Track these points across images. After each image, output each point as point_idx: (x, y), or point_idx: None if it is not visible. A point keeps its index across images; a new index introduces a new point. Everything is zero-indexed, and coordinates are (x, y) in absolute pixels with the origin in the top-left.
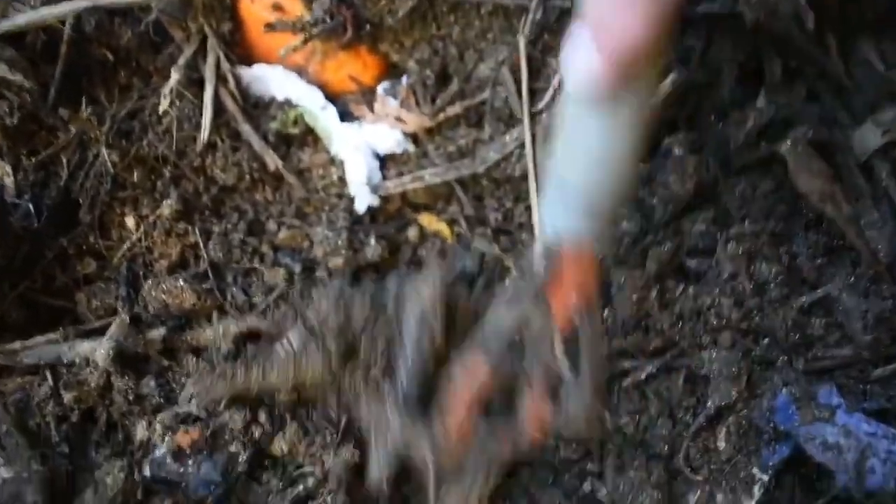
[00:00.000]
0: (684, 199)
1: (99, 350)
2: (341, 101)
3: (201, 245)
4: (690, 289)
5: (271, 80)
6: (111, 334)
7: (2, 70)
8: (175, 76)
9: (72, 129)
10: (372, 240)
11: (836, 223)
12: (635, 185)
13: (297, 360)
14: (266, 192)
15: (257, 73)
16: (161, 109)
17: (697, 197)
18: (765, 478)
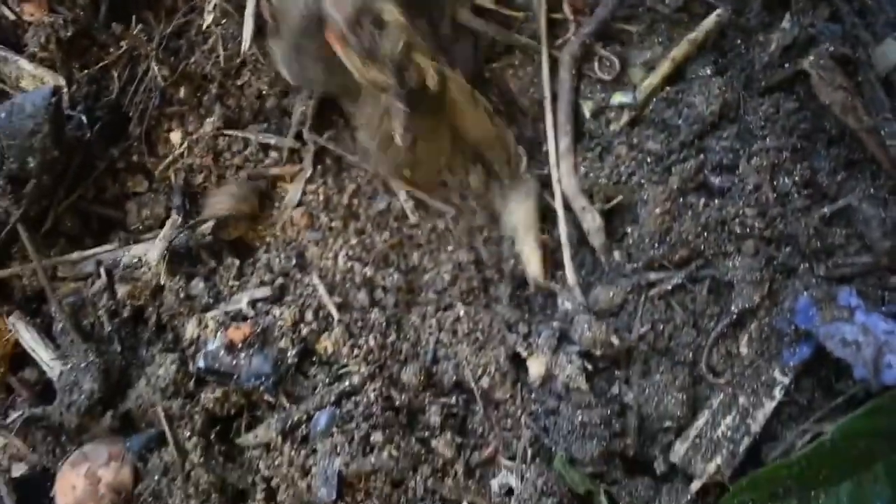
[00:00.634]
0: (709, 119)
1: (152, 251)
2: None
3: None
4: (715, 201)
5: None
6: (164, 235)
7: None
8: None
9: (122, 45)
10: None
11: (857, 135)
12: None
13: None
14: None
15: None
16: (204, 26)
17: (722, 118)
18: (785, 380)
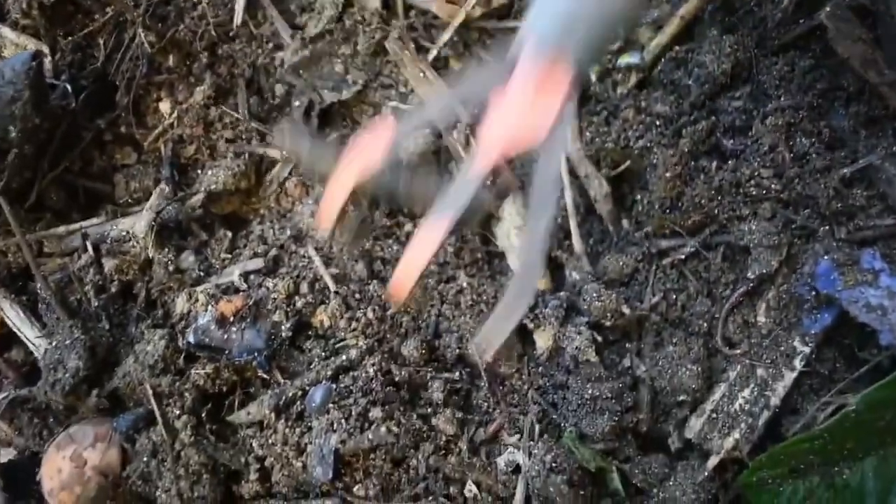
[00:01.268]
0: (720, 80)
1: (139, 222)
2: None
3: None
4: (729, 163)
5: None
6: (151, 205)
7: None
8: None
9: (108, 11)
10: None
11: (878, 90)
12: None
13: None
14: None
15: None
16: None
17: (734, 78)
18: (806, 350)
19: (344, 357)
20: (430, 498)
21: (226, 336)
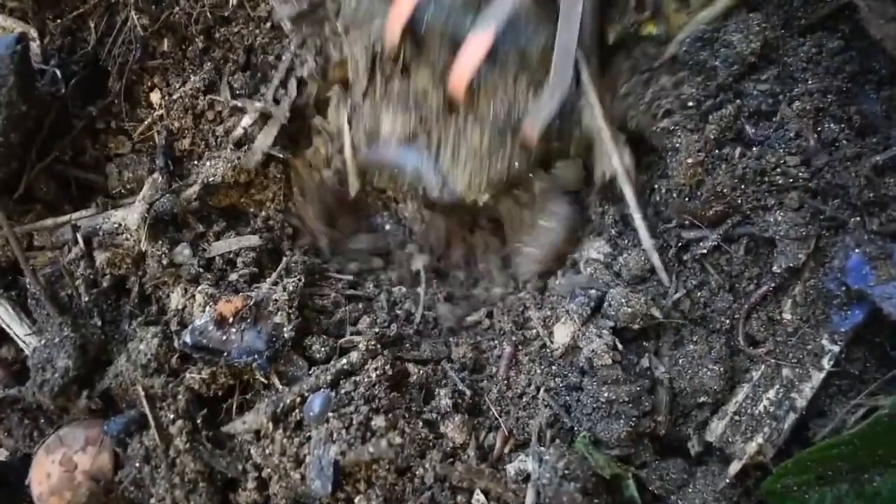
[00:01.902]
0: (748, 60)
1: (132, 214)
2: None
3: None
4: (754, 149)
5: None
6: (144, 195)
7: None
8: None
9: None
10: None
11: None
12: None
13: None
14: None
15: None
16: None
17: (761, 59)
18: (835, 349)
19: (345, 360)
20: None
21: (225, 337)
